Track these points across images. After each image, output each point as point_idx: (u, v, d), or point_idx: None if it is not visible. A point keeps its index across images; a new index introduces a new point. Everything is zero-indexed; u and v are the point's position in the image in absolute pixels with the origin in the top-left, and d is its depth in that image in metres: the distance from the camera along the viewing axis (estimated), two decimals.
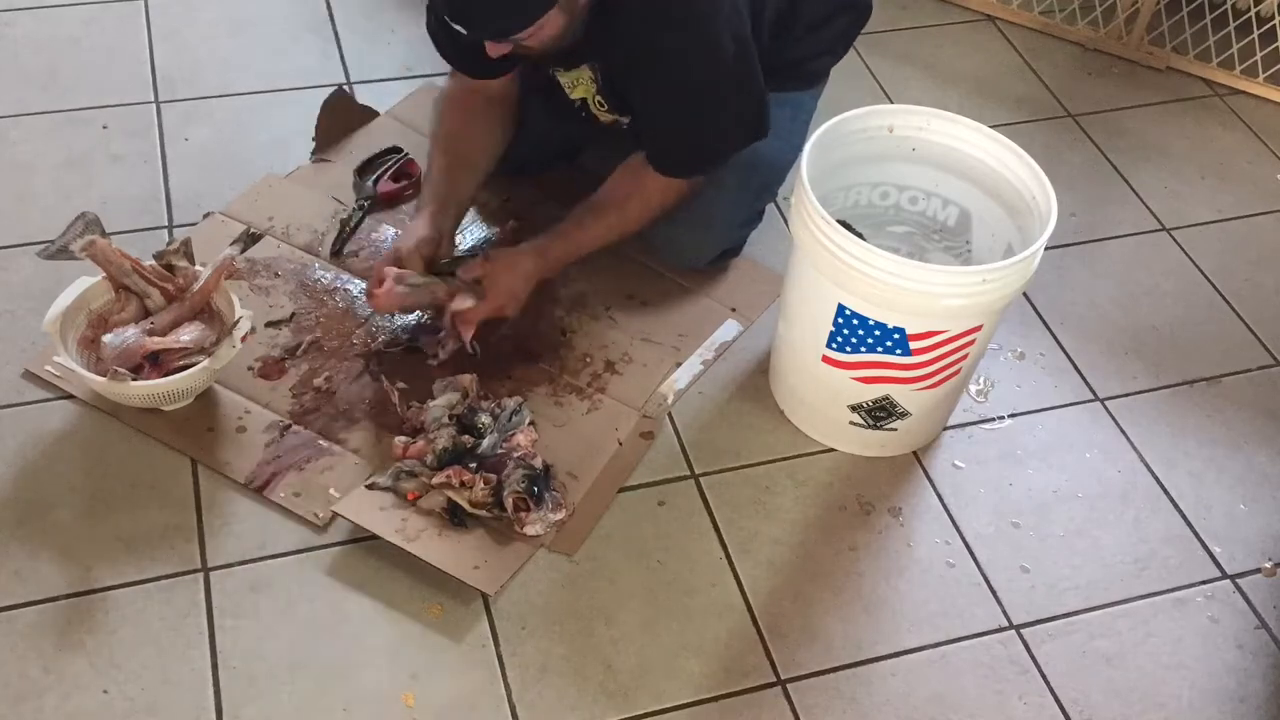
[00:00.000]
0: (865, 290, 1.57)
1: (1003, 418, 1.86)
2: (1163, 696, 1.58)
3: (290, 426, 1.71)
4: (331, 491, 1.64)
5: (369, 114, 2.17)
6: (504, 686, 1.50)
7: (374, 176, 2.03)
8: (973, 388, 1.89)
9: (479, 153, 1.88)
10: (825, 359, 1.68)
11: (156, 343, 1.63)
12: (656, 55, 1.70)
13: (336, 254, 1.93)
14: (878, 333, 1.61)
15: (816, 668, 1.56)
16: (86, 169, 2.05)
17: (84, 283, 1.70)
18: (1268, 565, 1.72)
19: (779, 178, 2.01)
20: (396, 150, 2.08)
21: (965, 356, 1.66)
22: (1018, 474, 1.79)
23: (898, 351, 1.62)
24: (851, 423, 1.74)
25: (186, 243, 1.74)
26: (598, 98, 1.84)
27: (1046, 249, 1.60)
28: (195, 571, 1.57)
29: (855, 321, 1.61)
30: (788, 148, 1.95)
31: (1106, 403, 1.90)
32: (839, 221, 1.58)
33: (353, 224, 1.97)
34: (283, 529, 1.61)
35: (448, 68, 1.89)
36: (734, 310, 1.95)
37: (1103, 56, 2.55)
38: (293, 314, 1.84)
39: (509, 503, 1.60)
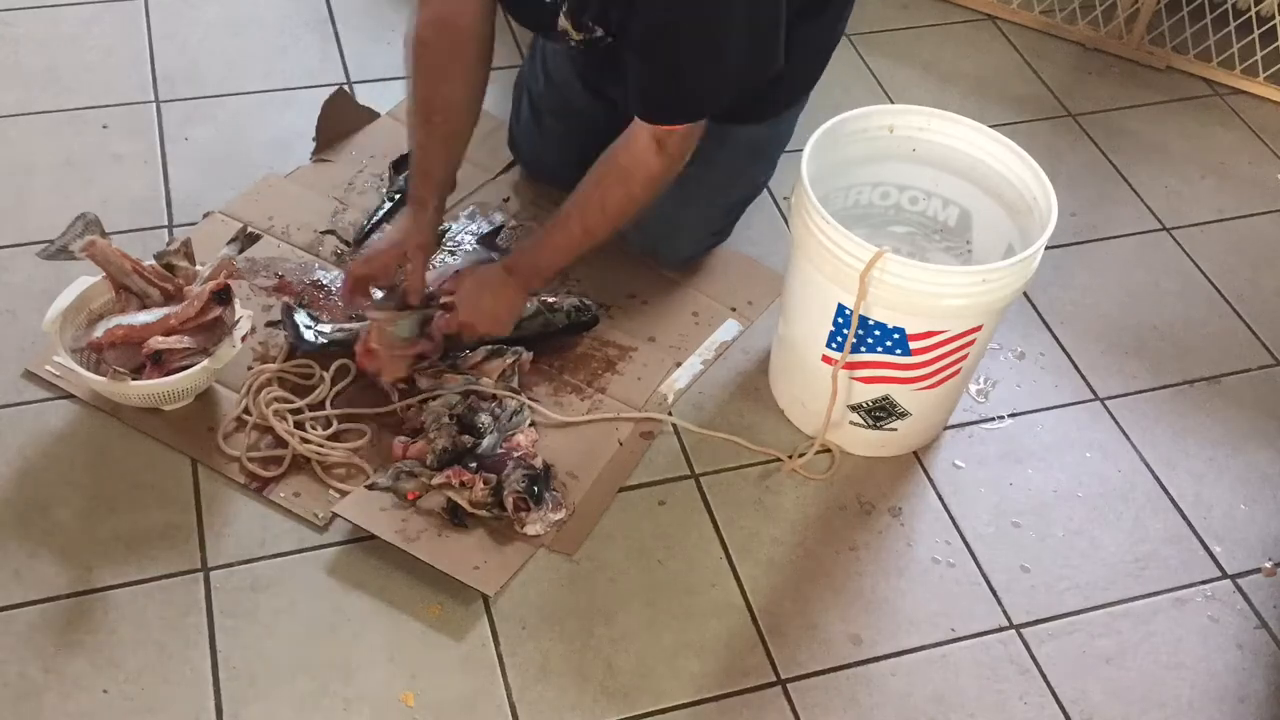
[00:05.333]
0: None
1: (1003, 417, 1.86)
2: (1163, 696, 1.58)
3: None
4: (331, 492, 1.64)
5: (369, 114, 2.17)
6: (504, 686, 1.50)
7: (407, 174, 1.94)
8: (973, 388, 1.89)
9: (459, 112, 1.71)
10: (825, 359, 1.68)
11: (158, 342, 1.63)
12: None
13: (359, 243, 1.92)
14: (878, 333, 1.61)
15: (816, 668, 1.56)
16: (86, 169, 2.05)
17: (84, 283, 1.70)
18: (1268, 565, 1.72)
19: (752, 195, 2.00)
20: None
21: (965, 356, 1.66)
22: (1018, 474, 1.79)
23: (898, 351, 1.62)
24: (851, 423, 1.74)
25: (186, 243, 1.74)
26: (567, 7, 1.61)
27: (1046, 249, 1.60)
28: (195, 571, 1.57)
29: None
30: (766, 166, 1.96)
31: (1106, 402, 1.90)
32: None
33: (380, 215, 1.93)
34: (283, 529, 1.61)
35: None
36: (734, 310, 1.95)
37: (1103, 56, 2.55)
38: None
39: (509, 503, 1.60)
